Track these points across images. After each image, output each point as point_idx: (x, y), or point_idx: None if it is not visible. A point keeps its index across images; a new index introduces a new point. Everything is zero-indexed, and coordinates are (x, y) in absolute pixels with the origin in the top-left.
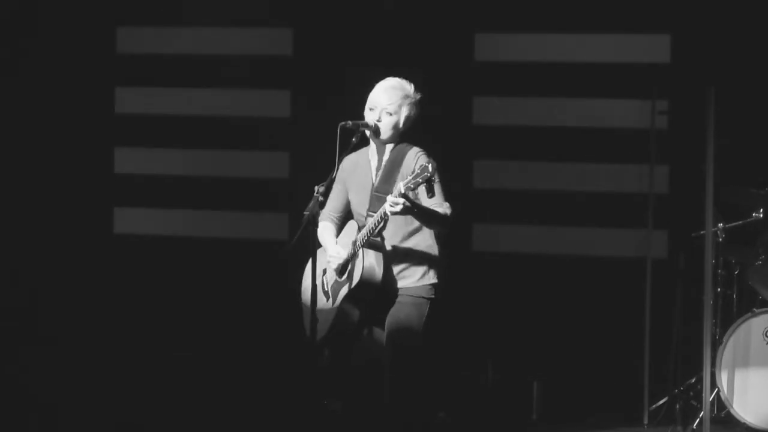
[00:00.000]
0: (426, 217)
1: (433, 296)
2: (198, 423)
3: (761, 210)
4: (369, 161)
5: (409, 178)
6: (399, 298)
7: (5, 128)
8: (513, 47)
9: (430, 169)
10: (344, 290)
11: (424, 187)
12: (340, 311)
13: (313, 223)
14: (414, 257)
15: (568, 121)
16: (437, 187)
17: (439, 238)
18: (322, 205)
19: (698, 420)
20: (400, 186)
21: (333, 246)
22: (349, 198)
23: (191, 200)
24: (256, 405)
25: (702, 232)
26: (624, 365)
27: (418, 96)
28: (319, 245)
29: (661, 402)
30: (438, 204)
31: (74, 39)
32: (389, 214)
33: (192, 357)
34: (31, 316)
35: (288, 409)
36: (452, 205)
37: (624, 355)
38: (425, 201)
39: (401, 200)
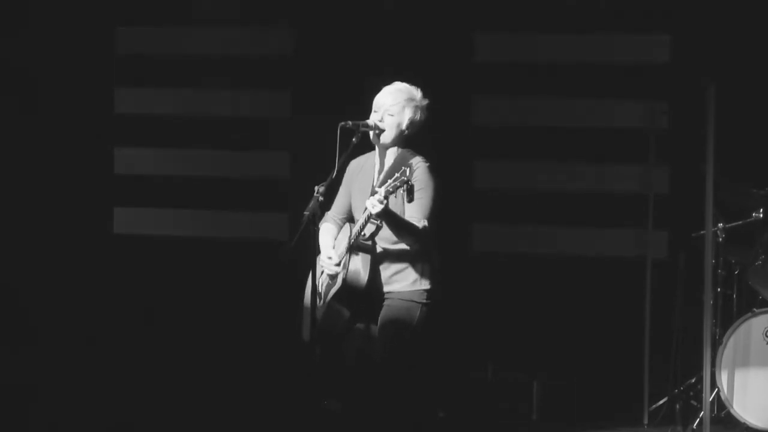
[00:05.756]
0: (399, 227)
1: (425, 301)
2: (198, 423)
3: (761, 210)
4: (374, 165)
5: (389, 181)
6: (390, 301)
7: (5, 128)
8: (513, 47)
9: (407, 172)
10: (332, 291)
11: (404, 194)
12: (328, 311)
13: (313, 223)
14: (406, 261)
15: (569, 121)
16: (424, 203)
17: (434, 243)
18: (322, 205)
19: (698, 420)
20: (381, 189)
21: (328, 249)
22: (351, 201)
23: (191, 200)
24: (255, 405)
25: (702, 232)
26: (624, 365)
27: (425, 102)
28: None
29: (661, 402)
30: (417, 218)
31: (74, 39)
32: (372, 213)
33: (192, 357)
34: (31, 315)
35: (287, 409)
36: (451, 208)
37: (624, 355)
38: (407, 207)
39: (381, 202)
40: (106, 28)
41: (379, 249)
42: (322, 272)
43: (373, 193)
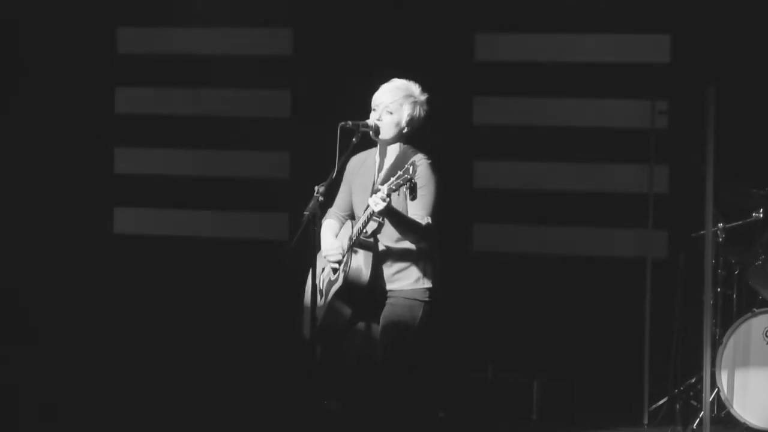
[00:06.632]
0: (402, 225)
1: (427, 299)
2: (198, 423)
3: (761, 210)
4: (375, 162)
5: (392, 179)
6: (392, 300)
7: (6, 128)
8: (513, 47)
9: (410, 171)
10: (333, 289)
11: (407, 192)
12: (329, 309)
13: (313, 223)
14: (409, 259)
15: (569, 121)
16: (426, 200)
17: (436, 240)
18: (322, 205)
19: (698, 420)
20: (384, 187)
21: (329, 239)
22: (352, 197)
23: (191, 200)
24: (255, 405)
25: (702, 232)
26: (624, 365)
27: (424, 97)
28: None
29: (661, 402)
30: (420, 216)
31: (74, 39)
32: (375, 211)
33: (192, 357)
34: (31, 316)
35: (287, 409)
36: (451, 208)
37: (624, 355)
38: (409, 205)
39: (384, 200)
40: (107, 28)
41: (381, 247)
42: (323, 269)
43: (375, 191)
